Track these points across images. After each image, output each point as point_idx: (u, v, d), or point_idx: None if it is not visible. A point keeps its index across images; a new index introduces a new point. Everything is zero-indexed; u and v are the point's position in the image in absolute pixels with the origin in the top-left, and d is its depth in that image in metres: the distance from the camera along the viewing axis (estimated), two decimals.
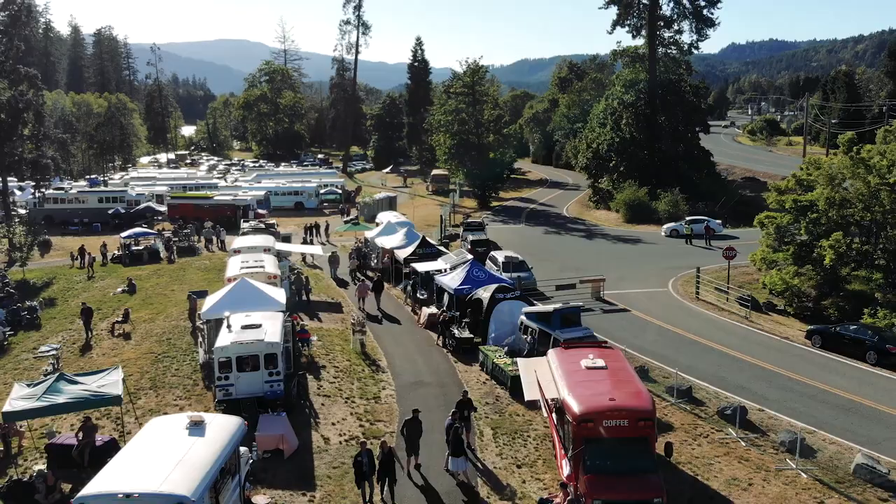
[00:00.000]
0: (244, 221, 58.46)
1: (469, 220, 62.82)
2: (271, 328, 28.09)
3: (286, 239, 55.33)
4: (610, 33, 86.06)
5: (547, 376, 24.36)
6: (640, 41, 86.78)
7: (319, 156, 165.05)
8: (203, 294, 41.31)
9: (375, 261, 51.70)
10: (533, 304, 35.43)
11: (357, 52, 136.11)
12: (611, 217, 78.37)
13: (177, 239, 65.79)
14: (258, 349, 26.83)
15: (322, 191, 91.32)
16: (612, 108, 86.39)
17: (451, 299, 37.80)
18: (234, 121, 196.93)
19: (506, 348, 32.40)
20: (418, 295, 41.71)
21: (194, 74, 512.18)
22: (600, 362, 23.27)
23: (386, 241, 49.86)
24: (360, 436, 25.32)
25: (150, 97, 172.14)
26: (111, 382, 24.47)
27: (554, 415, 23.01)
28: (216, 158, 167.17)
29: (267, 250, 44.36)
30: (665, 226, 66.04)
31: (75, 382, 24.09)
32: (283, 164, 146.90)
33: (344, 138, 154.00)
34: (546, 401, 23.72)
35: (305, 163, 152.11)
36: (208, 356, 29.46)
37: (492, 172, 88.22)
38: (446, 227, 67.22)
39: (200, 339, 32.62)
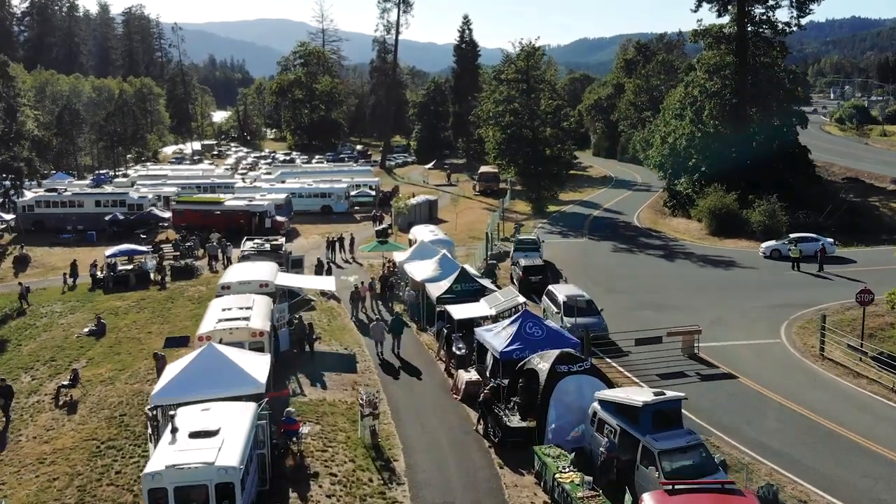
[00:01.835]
0: (247, 240, 50.83)
1: (521, 237, 54.23)
2: (232, 437, 20.26)
3: (297, 263, 47.54)
4: (694, 11, 76.81)
5: None
6: (725, 19, 77.25)
7: (358, 147, 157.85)
8: (184, 341, 33.81)
9: (405, 293, 43.72)
10: (609, 382, 26.92)
11: (398, 33, 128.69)
12: (691, 228, 69.15)
13: (177, 253, 59.06)
14: (207, 476, 19.03)
15: (353, 192, 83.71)
16: (691, 97, 77.04)
17: (496, 363, 29.63)
18: (267, 107, 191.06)
19: (572, 453, 24.04)
20: (454, 349, 33.55)
21: (232, 56, 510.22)
22: None
23: (417, 270, 41.78)
24: None
25: (173, 82, 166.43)
26: None
27: None
28: (245, 150, 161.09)
29: (264, 286, 36.71)
30: (764, 244, 56.69)
31: None
32: (317, 156, 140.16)
33: (384, 128, 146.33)
34: None
35: (342, 154, 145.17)
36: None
37: (548, 172, 79.49)
38: (493, 243, 58.96)
39: (150, 432, 25.03)
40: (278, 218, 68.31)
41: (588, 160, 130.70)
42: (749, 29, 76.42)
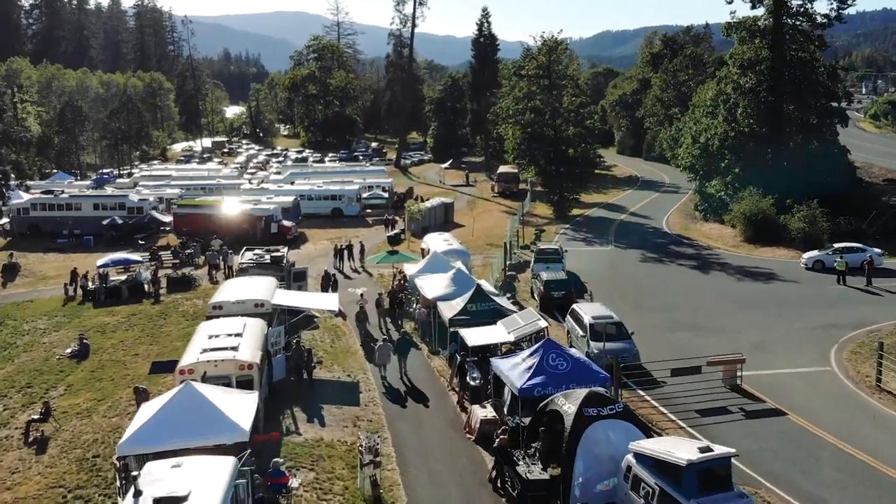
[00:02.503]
0: (246, 250, 47.98)
1: (542, 247, 51.08)
2: None
3: (300, 276, 44.66)
4: (729, 2, 73.01)
5: None
6: (760, 10, 73.61)
7: (373, 144, 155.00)
8: (171, 366, 31.02)
9: (415, 309, 40.85)
10: (644, 429, 23.85)
11: (414, 26, 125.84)
12: (725, 234, 65.80)
13: (176, 261, 56.54)
14: None
15: (365, 194, 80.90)
16: (724, 94, 73.56)
17: (515, 400, 26.67)
18: (280, 103, 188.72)
19: None
20: (468, 379, 30.60)
21: (247, 49, 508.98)
22: None
23: (428, 286, 38.86)
24: None
25: (182, 76, 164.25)
26: None
27: None
28: (257, 147, 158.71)
29: (259, 306, 33.89)
30: (806, 255, 53.27)
31: None
32: (330, 154, 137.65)
33: (399, 125, 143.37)
34: None
35: (357, 152, 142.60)
36: None
37: (571, 173, 76.31)
38: (513, 251, 55.98)
39: (119, 484, 22.29)
40: (285, 223, 65.72)
41: (612, 158, 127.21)
42: (785, 21, 72.96)
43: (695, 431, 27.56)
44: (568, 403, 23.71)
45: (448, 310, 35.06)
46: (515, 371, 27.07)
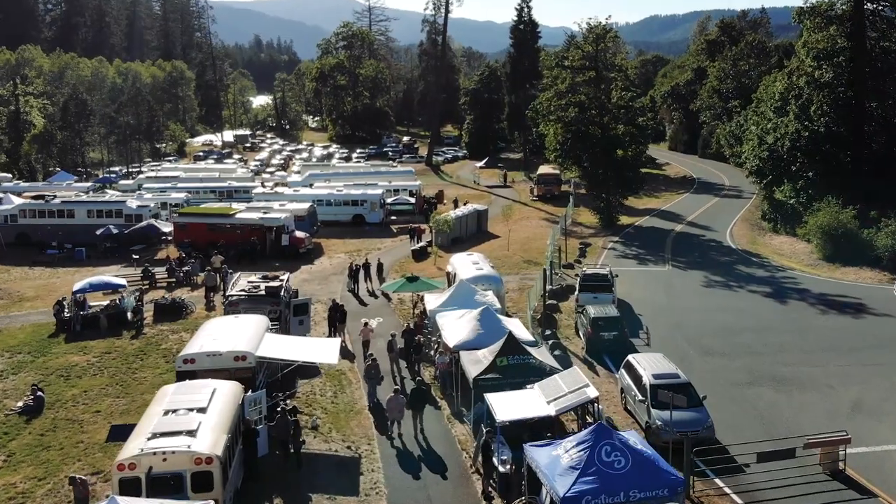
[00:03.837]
0: (241, 276, 42.41)
1: (588, 271, 44.75)
2: None
3: (301, 310, 38.86)
4: None
5: None
6: None
7: (404, 139, 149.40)
8: (127, 430, 25.45)
9: (435, 354, 35.14)
10: None
11: (447, 11, 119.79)
12: (798, 250, 59.14)
13: (172, 280, 51.52)
14: None
15: (390, 199, 75.33)
16: (796, 88, 66.77)
17: None
18: (308, 94, 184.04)
19: None
20: (496, 462, 24.82)
21: (279, 36, 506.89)
22: None
23: (450, 329, 33.05)
24: None
25: (202, 66, 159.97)
26: None
27: None
28: (282, 142, 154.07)
29: (240, 359, 28.42)
30: None
31: None
32: (358, 150, 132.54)
33: (431, 119, 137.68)
34: None
35: (386, 147, 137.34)
36: None
37: (621, 178, 69.94)
38: (554, 271, 49.95)
39: None
40: (298, 233, 60.43)
41: (663, 156, 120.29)
42: (867, 7, 66.05)
43: None
44: None
45: (473, 364, 29.24)
46: (557, 467, 21.24)
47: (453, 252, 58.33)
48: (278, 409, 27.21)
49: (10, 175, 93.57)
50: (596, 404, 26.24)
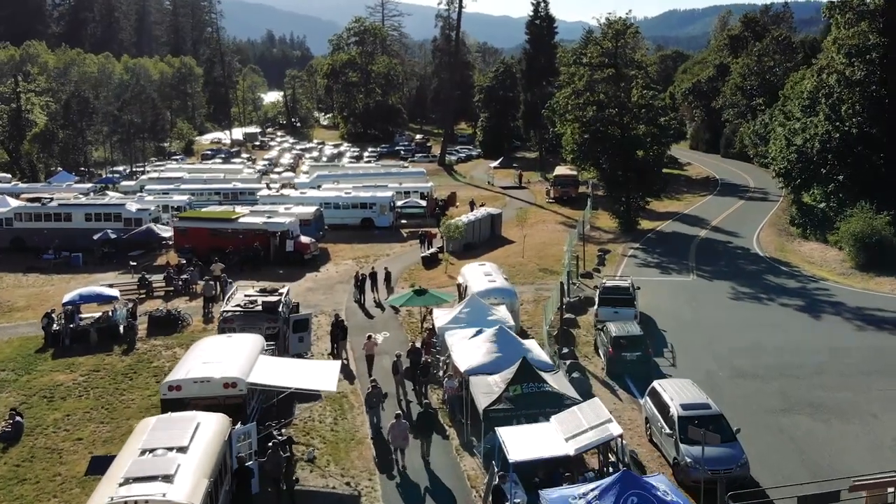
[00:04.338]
0: (237, 290, 40.40)
1: (607, 284, 42.35)
2: None
3: (301, 326, 36.76)
4: None
5: None
6: None
7: (417, 137, 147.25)
8: (107, 463, 23.45)
9: (444, 372, 33.06)
10: None
11: (461, 6, 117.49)
12: (830, 257, 56.61)
13: (170, 289, 49.68)
14: None
15: (400, 202, 73.23)
16: (826, 86, 64.15)
17: None
18: (319, 91, 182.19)
19: None
20: None
21: (292, 31, 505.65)
22: None
23: (460, 350, 30.91)
24: None
25: (210, 62, 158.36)
26: None
27: None
28: (292, 140, 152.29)
29: (230, 386, 26.41)
30: None
31: None
32: (369, 148, 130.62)
33: (444, 117, 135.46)
34: None
35: (399, 146, 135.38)
36: None
37: (642, 180, 67.51)
38: (572, 281, 47.73)
39: None
40: (303, 238, 58.45)
41: (684, 155, 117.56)
42: None
43: None
44: None
45: (483, 393, 27.09)
46: None
47: (466, 258, 56.44)
48: (270, 443, 25.13)
49: (9, 175, 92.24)
50: (620, 440, 24.05)
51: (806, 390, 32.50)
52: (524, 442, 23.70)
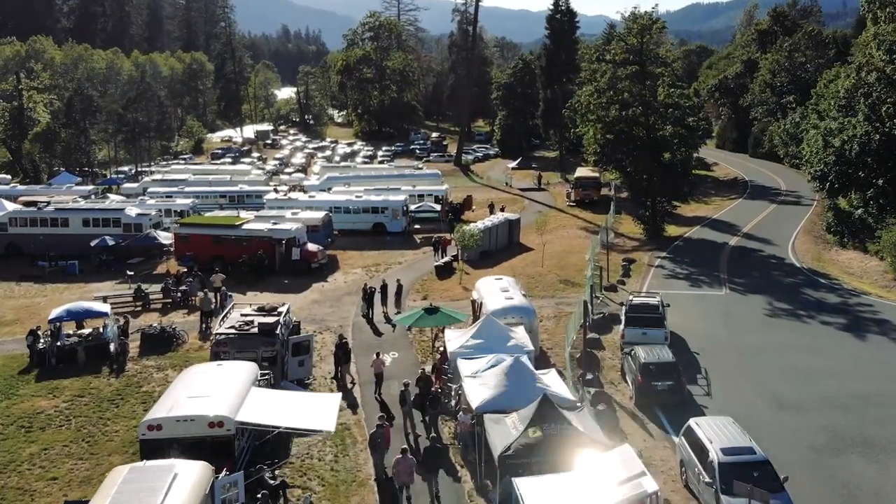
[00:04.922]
0: (233, 307, 37.98)
1: (635, 301, 39.54)
2: None
3: (300, 350, 34.30)
4: None
5: None
6: None
7: (433, 136, 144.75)
8: None
9: (456, 403, 30.47)
10: None
11: (478, 1, 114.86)
12: (870, 268, 53.65)
13: (168, 301, 47.44)
14: None
15: (413, 206, 70.74)
16: (865, 85, 61.04)
17: None
18: (333, 87, 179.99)
19: None
20: None
21: (308, 26, 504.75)
22: None
23: (473, 385, 28.25)
24: None
25: (221, 58, 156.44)
26: None
27: None
28: (305, 138, 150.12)
29: (216, 426, 23.98)
30: None
31: None
32: (384, 148, 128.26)
33: (461, 115, 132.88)
34: None
35: (414, 144, 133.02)
36: None
37: (668, 185, 64.67)
38: (595, 295, 44.96)
39: None
40: (310, 246, 56.15)
41: (711, 155, 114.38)
42: None
43: None
44: None
45: (498, 434, 24.49)
46: None
47: (482, 267, 53.98)
48: (260, 493, 22.64)
49: (9, 177, 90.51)
50: (656, 497, 21.35)
51: (856, 425, 29.63)
52: (545, 497, 21.07)
